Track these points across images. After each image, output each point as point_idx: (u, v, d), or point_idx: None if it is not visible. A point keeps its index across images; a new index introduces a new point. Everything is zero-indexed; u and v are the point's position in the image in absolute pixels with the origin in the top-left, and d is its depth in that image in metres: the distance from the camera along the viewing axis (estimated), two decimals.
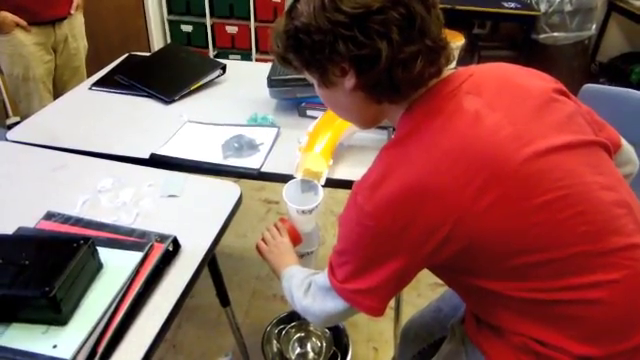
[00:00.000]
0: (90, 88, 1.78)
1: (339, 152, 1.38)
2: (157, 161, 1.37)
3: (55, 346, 0.79)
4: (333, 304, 0.87)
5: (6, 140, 1.45)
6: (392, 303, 1.77)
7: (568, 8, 3.41)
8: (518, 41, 3.70)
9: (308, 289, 0.94)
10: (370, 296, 0.82)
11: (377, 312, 0.84)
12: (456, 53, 3.15)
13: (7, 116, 2.69)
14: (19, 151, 1.40)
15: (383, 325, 1.97)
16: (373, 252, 0.79)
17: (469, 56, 3.53)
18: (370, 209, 0.76)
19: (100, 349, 0.81)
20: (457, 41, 3.06)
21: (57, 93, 2.23)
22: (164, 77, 1.80)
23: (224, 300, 1.52)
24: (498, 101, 0.78)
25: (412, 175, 0.73)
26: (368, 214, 0.76)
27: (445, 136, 0.74)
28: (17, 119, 2.45)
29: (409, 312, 2.02)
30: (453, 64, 0.83)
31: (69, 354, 0.77)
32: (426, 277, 2.30)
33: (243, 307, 2.05)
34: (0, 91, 2.55)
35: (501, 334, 0.85)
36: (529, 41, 3.45)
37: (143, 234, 1.04)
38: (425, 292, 2.14)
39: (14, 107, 2.52)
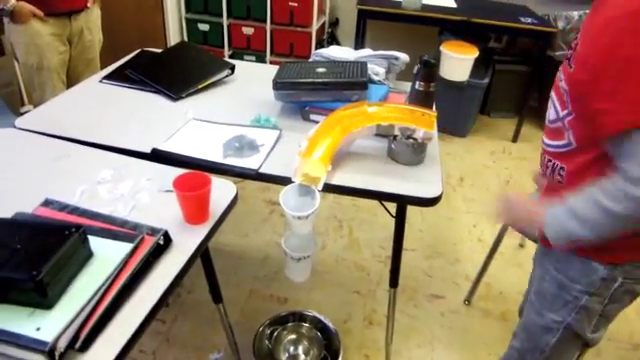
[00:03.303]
0: (101, 81, 1.81)
1: (338, 158, 1.39)
2: (158, 156, 1.39)
3: (39, 329, 0.81)
4: None
5: (14, 127, 1.49)
6: (385, 311, 1.78)
7: None
8: (533, 56, 3.68)
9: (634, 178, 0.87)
10: None
11: None
12: (470, 65, 3.14)
13: (22, 104, 2.74)
14: (25, 139, 1.44)
15: (377, 333, 1.97)
16: None
17: (483, 69, 3.52)
18: None
19: (83, 335, 0.83)
20: (471, 53, 3.05)
21: (70, 84, 2.27)
22: (173, 74, 1.83)
23: (217, 297, 1.53)
24: None
25: None
26: None
27: None
28: (31, 107, 2.49)
29: (404, 322, 2.04)
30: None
31: (51, 337, 0.79)
32: (423, 288, 2.31)
33: (239, 306, 2.06)
34: (17, 79, 2.60)
35: None
36: (544, 57, 3.43)
37: (135, 226, 1.05)
38: (422, 303, 2.14)
39: (29, 96, 2.57)
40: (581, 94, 0.97)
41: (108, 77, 1.84)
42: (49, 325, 0.82)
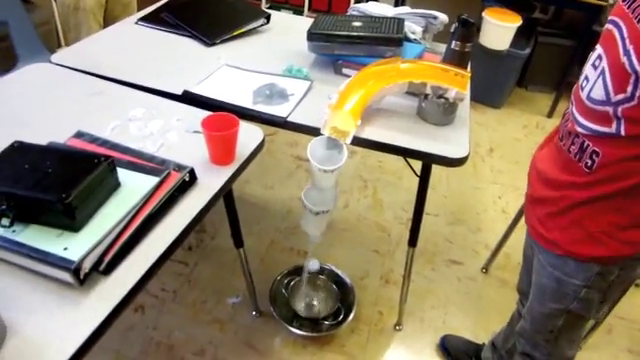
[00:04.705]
0: (136, 23, 1.82)
1: (367, 114, 1.38)
2: (189, 98, 1.40)
3: (66, 248, 0.84)
4: None
5: (50, 62, 1.51)
6: (402, 271, 1.79)
7: None
8: (579, 31, 3.53)
9: None
10: None
11: None
12: (511, 34, 3.03)
13: (59, 45, 2.78)
14: (61, 74, 1.46)
15: (392, 292, 2.00)
16: None
17: (525, 40, 3.40)
18: None
19: (107, 258, 0.87)
20: (514, 22, 2.95)
21: (106, 26, 2.28)
22: (208, 20, 1.82)
23: (238, 241, 1.56)
24: None
25: None
26: None
27: None
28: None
29: (421, 284, 2.05)
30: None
31: (77, 257, 0.82)
32: (442, 253, 2.30)
33: (259, 255, 2.10)
34: (54, 19, 2.63)
35: None
36: (590, 32, 3.28)
37: (162, 162, 1.08)
38: (439, 267, 2.14)
39: (65, 36, 2.60)
40: None
41: (144, 19, 1.84)
42: (76, 246, 0.85)
